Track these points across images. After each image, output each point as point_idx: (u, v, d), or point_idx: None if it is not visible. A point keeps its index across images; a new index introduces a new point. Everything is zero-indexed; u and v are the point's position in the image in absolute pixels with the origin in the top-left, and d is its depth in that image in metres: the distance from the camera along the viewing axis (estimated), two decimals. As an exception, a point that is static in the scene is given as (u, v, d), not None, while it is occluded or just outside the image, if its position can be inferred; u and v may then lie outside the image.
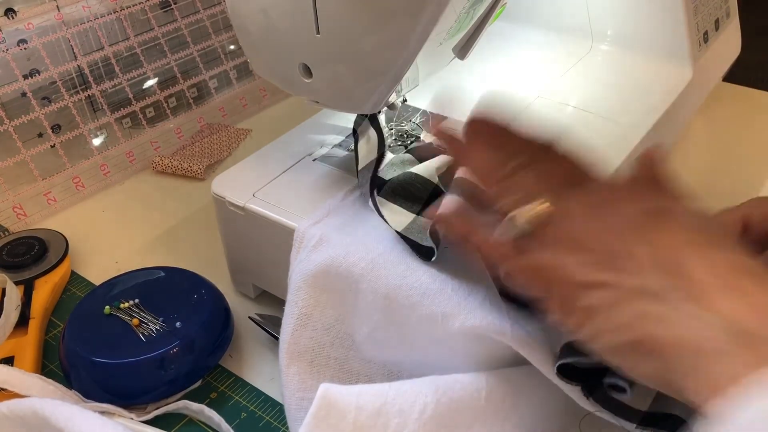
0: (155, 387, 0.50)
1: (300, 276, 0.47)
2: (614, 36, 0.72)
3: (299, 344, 0.46)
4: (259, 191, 0.53)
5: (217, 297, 0.55)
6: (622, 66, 0.71)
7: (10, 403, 0.44)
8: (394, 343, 0.45)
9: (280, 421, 0.49)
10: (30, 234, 0.64)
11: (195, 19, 0.83)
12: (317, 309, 0.46)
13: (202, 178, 0.75)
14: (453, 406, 0.39)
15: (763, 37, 1.31)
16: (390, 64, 0.46)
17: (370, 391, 0.40)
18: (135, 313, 0.52)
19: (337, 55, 0.47)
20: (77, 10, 0.74)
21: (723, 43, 0.77)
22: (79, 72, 0.75)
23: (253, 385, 0.52)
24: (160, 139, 0.79)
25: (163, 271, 0.57)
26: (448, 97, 0.49)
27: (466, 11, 0.50)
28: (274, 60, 0.51)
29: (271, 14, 0.48)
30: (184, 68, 0.82)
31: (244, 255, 0.57)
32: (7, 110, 0.69)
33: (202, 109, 0.83)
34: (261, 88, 0.88)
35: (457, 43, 0.54)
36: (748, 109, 0.83)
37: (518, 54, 0.73)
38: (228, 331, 0.54)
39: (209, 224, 0.59)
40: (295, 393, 0.45)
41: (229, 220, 0.55)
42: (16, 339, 0.54)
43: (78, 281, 0.63)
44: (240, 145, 0.80)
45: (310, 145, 0.59)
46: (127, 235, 0.68)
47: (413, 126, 0.59)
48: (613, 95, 0.66)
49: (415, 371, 0.43)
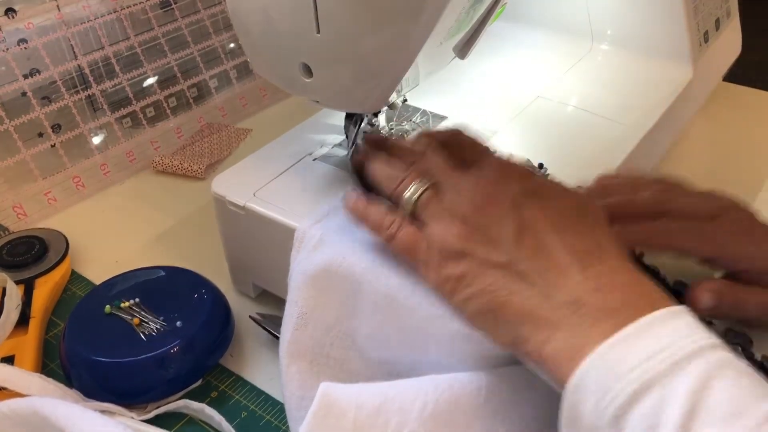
0: (155, 386, 0.50)
1: (300, 276, 0.47)
2: (614, 36, 0.72)
3: (300, 344, 0.46)
4: (259, 191, 0.53)
5: (217, 296, 0.55)
6: (622, 66, 0.71)
7: (11, 403, 0.45)
8: (394, 343, 0.45)
9: (280, 421, 0.49)
10: (30, 233, 0.64)
11: (195, 19, 0.83)
12: (317, 309, 0.46)
13: (202, 178, 0.75)
14: (453, 405, 0.40)
15: (763, 37, 1.32)
16: (390, 64, 0.46)
17: (370, 390, 0.40)
18: (135, 313, 0.52)
19: (337, 55, 0.47)
20: (77, 9, 0.74)
21: (723, 43, 0.77)
22: (79, 71, 0.75)
23: (254, 385, 0.52)
24: (160, 138, 0.79)
25: (164, 270, 0.57)
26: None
27: (466, 11, 0.50)
28: (274, 60, 0.51)
29: (272, 14, 0.48)
30: (184, 68, 0.82)
31: (244, 254, 0.57)
32: (7, 110, 0.69)
33: (202, 108, 0.84)
34: (261, 88, 0.88)
35: (457, 43, 0.54)
36: (748, 109, 0.83)
37: (518, 54, 0.73)
38: (228, 331, 0.54)
39: (209, 224, 0.59)
40: (295, 392, 0.45)
41: (229, 220, 0.55)
42: (16, 338, 0.54)
43: (78, 280, 0.63)
44: (240, 144, 0.80)
45: (310, 145, 0.59)
46: (128, 234, 0.68)
47: (413, 126, 0.59)
48: (613, 95, 0.66)
49: (416, 371, 0.43)
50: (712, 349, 0.32)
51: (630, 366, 0.32)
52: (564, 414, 0.35)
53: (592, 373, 0.33)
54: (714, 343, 0.33)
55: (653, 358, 0.32)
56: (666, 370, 0.32)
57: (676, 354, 0.32)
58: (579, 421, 0.34)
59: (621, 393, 0.32)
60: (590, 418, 0.33)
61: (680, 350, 0.32)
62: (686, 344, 0.32)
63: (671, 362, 0.32)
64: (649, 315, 0.34)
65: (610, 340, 0.33)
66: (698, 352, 0.32)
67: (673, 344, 0.32)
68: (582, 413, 0.33)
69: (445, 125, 0.61)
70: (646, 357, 0.32)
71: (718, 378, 0.31)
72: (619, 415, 0.32)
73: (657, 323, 0.34)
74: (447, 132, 0.49)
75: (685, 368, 0.31)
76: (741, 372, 0.32)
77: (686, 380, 0.31)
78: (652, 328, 0.33)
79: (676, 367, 0.32)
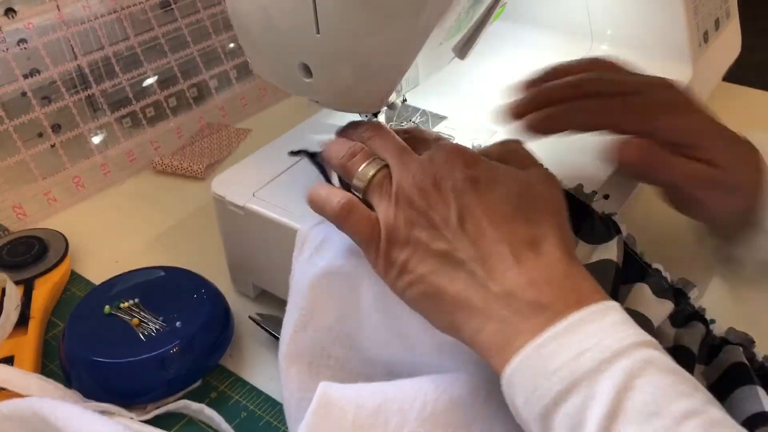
0: (155, 387, 0.50)
1: (302, 277, 0.47)
2: (614, 36, 0.72)
3: (299, 344, 0.46)
4: (259, 191, 0.53)
5: (217, 297, 0.55)
6: (622, 66, 0.71)
7: (10, 403, 0.45)
8: (394, 344, 0.45)
9: (280, 421, 0.49)
10: (30, 234, 0.64)
11: (195, 19, 0.83)
12: (318, 310, 0.46)
13: (202, 178, 0.75)
14: (453, 405, 0.39)
15: (763, 37, 1.32)
16: (390, 64, 0.46)
17: (370, 390, 0.40)
18: (135, 313, 0.52)
19: (337, 55, 0.47)
20: (77, 9, 0.74)
21: (723, 43, 0.77)
22: (79, 72, 0.75)
23: (253, 385, 0.52)
24: (160, 138, 0.79)
25: (163, 270, 0.57)
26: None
27: (466, 11, 0.50)
28: (274, 60, 0.51)
29: (271, 14, 0.48)
30: (184, 68, 0.82)
31: (244, 255, 0.57)
32: (7, 110, 0.69)
33: (202, 108, 0.83)
34: (261, 88, 0.88)
35: (457, 43, 0.54)
36: (748, 109, 0.82)
37: (518, 54, 0.73)
38: (228, 331, 0.54)
39: (209, 224, 0.59)
40: (294, 393, 0.45)
41: (229, 220, 0.55)
42: (16, 338, 0.54)
43: (78, 281, 0.63)
44: (240, 145, 0.80)
45: (310, 145, 0.59)
46: (127, 234, 0.68)
47: (413, 126, 0.59)
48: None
49: (415, 371, 0.43)
50: (638, 347, 0.33)
51: (557, 365, 0.33)
52: (506, 402, 0.35)
53: (522, 370, 0.34)
54: (641, 340, 0.33)
55: (579, 358, 0.32)
56: (590, 370, 0.32)
57: (603, 353, 0.32)
58: (516, 410, 0.35)
59: (548, 392, 0.33)
60: (523, 412, 0.34)
61: (607, 349, 0.32)
62: (612, 342, 0.33)
63: (597, 361, 0.32)
64: (578, 312, 0.34)
65: (539, 338, 0.34)
66: (624, 350, 0.32)
67: (600, 343, 0.33)
68: (516, 406, 0.34)
69: (445, 125, 0.61)
70: (572, 356, 0.33)
71: (641, 377, 0.32)
72: (546, 414, 0.33)
73: (586, 321, 0.34)
74: (406, 128, 0.50)
75: (608, 368, 0.32)
76: (664, 370, 0.32)
77: (609, 380, 0.32)
78: (580, 326, 0.34)
79: (600, 366, 0.32)
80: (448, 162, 0.41)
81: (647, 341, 0.34)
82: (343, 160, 0.45)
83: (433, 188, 0.40)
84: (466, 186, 0.40)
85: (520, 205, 0.40)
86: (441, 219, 0.39)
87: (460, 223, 0.39)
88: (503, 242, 0.38)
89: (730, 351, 0.47)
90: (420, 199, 0.40)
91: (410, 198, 0.40)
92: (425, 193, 0.40)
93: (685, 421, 0.30)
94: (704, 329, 0.48)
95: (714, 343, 0.48)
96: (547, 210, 0.40)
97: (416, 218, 0.40)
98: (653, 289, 0.47)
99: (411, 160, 0.42)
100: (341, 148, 0.45)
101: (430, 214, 0.40)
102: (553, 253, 0.38)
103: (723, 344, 0.48)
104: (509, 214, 0.39)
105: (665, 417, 0.30)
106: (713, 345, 0.48)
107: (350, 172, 0.44)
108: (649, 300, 0.47)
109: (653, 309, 0.46)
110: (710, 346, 0.48)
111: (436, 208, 0.40)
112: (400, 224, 0.40)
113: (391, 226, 0.41)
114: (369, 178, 0.43)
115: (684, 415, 0.30)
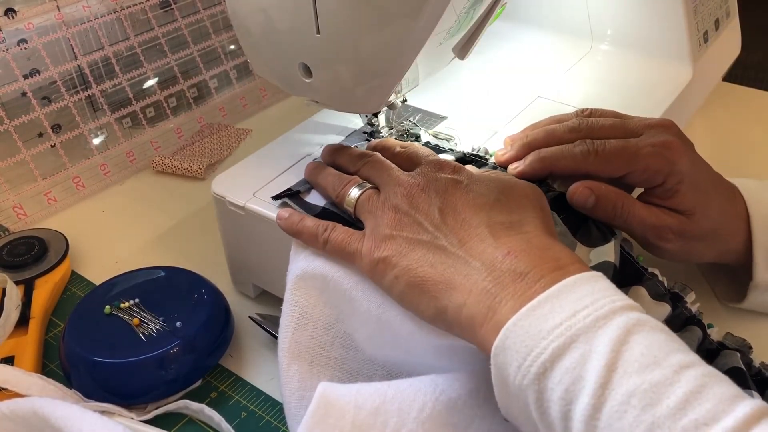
0: (155, 387, 0.50)
1: (300, 275, 0.47)
2: (614, 36, 0.72)
3: (299, 344, 0.46)
4: (259, 191, 0.53)
5: (217, 297, 0.55)
6: (623, 66, 0.71)
7: (10, 403, 0.45)
8: (391, 348, 0.45)
9: (280, 421, 0.49)
10: (30, 234, 0.64)
11: (195, 19, 0.83)
12: (317, 309, 0.46)
13: (202, 178, 0.75)
14: (451, 406, 0.40)
15: (763, 37, 1.31)
16: (390, 64, 0.46)
17: (369, 390, 0.40)
18: (135, 313, 0.52)
19: (337, 55, 0.47)
20: (77, 9, 0.74)
21: (723, 43, 0.77)
22: (79, 72, 0.75)
23: (253, 385, 0.52)
24: (160, 139, 0.79)
25: (163, 270, 0.57)
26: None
27: (466, 11, 0.50)
28: (274, 60, 0.51)
29: (271, 14, 0.48)
30: (184, 68, 0.82)
31: (244, 255, 0.57)
32: (7, 110, 0.69)
33: (202, 109, 0.84)
34: (261, 88, 0.88)
35: (457, 43, 0.54)
36: (747, 109, 0.83)
37: (518, 54, 0.73)
38: (228, 331, 0.54)
39: (209, 224, 0.59)
40: (294, 393, 0.45)
41: (229, 220, 0.55)
42: (16, 339, 0.54)
43: (78, 281, 0.63)
44: (240, 145, 0.80)
45: (310, 145, 0.59)
46: (127, 234, 0.68)
47: (413, 126, 0.59)
48: (613, 95, 0.66)
49: (415, 372, 0.43)
50: (630, 308, 0.34)
51: (553, 324, 0.33)
52: (494, 379, 0.36)
53: (517, 332, 0.34)
54: (631, 304, 0.35)
55: (574, 316, 0.33)
56: (588, 326, 0.33)
57: (599, 311, 0.33)
58: (506, 382, 0.35)
59: (545, 350, 0.33)
60: (515, 378, 0.34)
61: (602, 308, 0.34)
62: (606, 303, 0.34)
63: (593, 318, 0.33)
64: (571, 277, 0.35)
65: (532, 302, 0.35)
66: (618, 310, 0.34)
67: (595, 302, 0.34)
68: (508, 374, 0.35)
69: (445, 125, 0.61)
70: (568, 315, 0.34)
71: (637, 333, 0.33)
72: (542, 372, 0.33)
73: (578, 284, 0.35)
74: (401, 143, 0.52)
75: (606, 324, 0.33)
76: (657, 328, 0.34)
77: (607, 335, 0.33)
78: (572, 289, 0.35)
79: (598, 323, 0.33)
80: (434, 171, 0.44)
81: (636, 305, 0.35)
82: (336, 188, 0.48)
83: (418, 194, 0.43)
84: (449, 186, 0.43)
85: (500, 198, 0.42)
86: (424, 216, 0.42)
87: (441, 217, 0.41)
88: (482, 225, 0.40)
89: (727, 356, 0.47)
90: (406, 205, 0.43)
91: (396, 205, 0.43)
92: (411, 199, 0.43)
93: (684, 371, 0.31)
94: (701, 334, 0.48)
95: (711, 348, 0.48)
96: (529, 203, 0.42)
97: (401, 219, 0.43)
98: (650, 293, 0.47)
99: (399, 175, 0.46)
100: (333, 178, 0.49)
101: (414, 215, 0.42)
102: (533, 232, 0.39)
103: (720, 349, 0.48)
104: (489, 204, 0.41)
105: (664, 367, 0.31)
106: (710, 349, 0.48)
107: (342, 195, 0.47)
108: (646, 303, 0.47)
109: (650, 312, 0.46)
110: (707, 350, 0.48)
111: (420, 208, 0.42)
112: (385, 227, 0.43)
113: (377, 229, 0.43)
114: (356, 198, 0.46)
115: (681, 365, 0.31)
